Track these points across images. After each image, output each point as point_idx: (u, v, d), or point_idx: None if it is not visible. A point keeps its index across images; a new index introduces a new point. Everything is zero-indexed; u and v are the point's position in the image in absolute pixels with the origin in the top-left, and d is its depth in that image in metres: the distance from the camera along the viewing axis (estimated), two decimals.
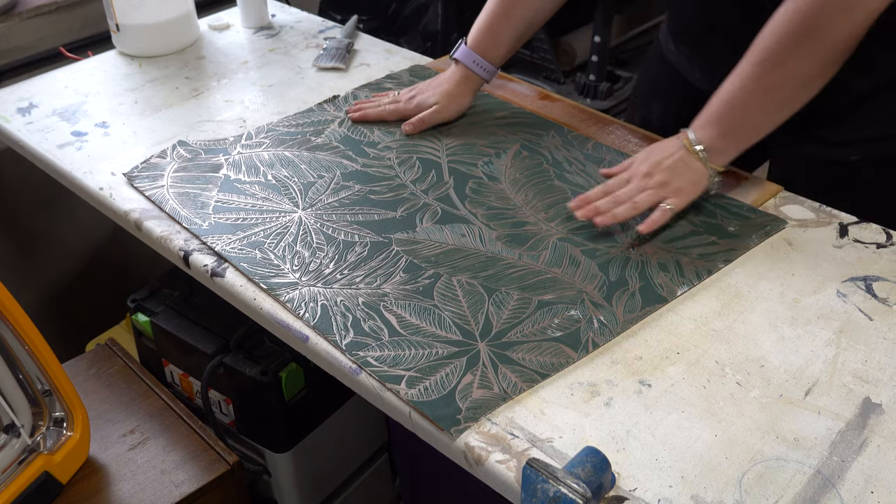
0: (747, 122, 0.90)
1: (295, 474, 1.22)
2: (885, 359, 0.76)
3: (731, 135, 0.90)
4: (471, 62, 1.10)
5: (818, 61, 0.86)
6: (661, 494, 0.64)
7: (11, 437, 0.91)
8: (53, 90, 1.27)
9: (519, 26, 1.10)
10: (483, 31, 1.11)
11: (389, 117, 1.12)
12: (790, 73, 0.86)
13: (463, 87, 1.12)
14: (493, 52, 1.11)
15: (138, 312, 1.25)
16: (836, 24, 0.83)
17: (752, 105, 0.88)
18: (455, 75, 1.12)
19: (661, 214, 0.90)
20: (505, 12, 1.09)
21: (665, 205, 0.90)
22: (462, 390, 0.73)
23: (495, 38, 1.10)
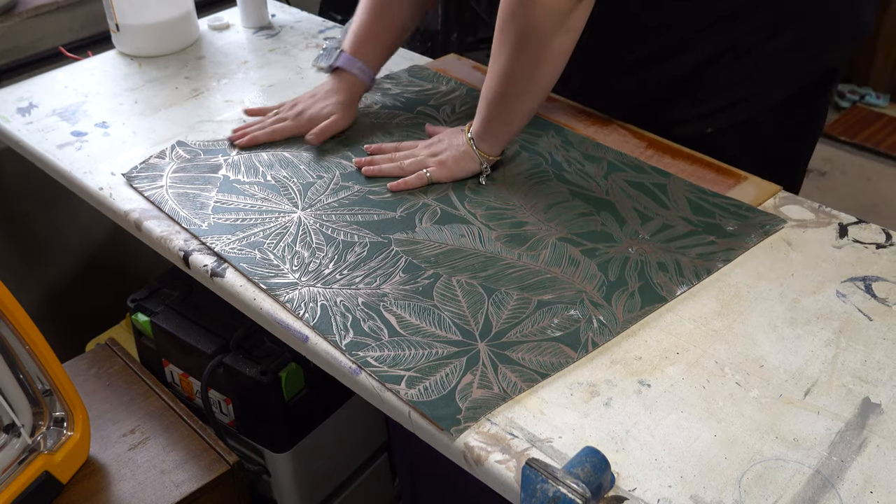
0: (494, 112, 0.97)
1: (295, 474, 1.23)
2: (884, 359, 0.76)
3: (488, 124, 0.98)
4: (356, 69, 1.10)
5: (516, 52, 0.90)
6: (661, 494, 0.65)
7: (12, 437, 0.91)
8: (53, 90, 1.27)
9: (393, 32, 1.12)
10: (361, 38, 1.11)
11: (282, 136, 1.09)
12: (498, 64, 0.93)
13: (352, 94, 1.11)
14: (373, 59, 1.12)
15: (138, 312, 1.25)
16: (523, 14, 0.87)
17: (494, 96, 0.96)
18: (341, 83, 1.11)
19: (415, 179, 1.00)
20: (379, 19, 1.10)
21: (424, 171, 1.00)
22: (462, 390, 0.73)
23: (374, 45, 1.12)
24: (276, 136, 1.09)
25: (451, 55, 1.34)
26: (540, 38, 0.88)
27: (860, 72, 2.78)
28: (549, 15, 0.86)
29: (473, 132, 1.00)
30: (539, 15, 0.86)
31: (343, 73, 1.11)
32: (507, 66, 0.91)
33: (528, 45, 0.89)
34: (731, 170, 1.02)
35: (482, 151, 0.99)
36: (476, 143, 0.99)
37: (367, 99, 1.20)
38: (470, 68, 1.28)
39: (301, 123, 1.09)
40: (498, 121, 0.97)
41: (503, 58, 0.91)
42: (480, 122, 0.98)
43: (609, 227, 0.93)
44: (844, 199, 2.31)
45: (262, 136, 1.08)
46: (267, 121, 1.11)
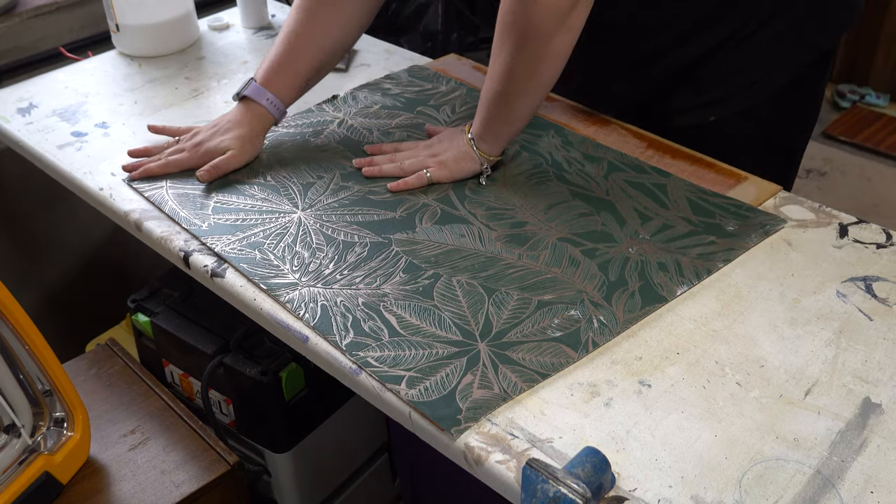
0: (494, 112, 0.97)
1: (295, 474, 1.22)
2: (884, 359, 0.76)
3: (488, 124, 0.98)
4: (264, 100, 1.04)
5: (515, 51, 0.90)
6: (661, 495, 0.65)
7: (12, 438, 0.91)
8: (53, 90, 1.27)
9: (309, 68, 1.06)
10: (274, 70, 1.05)
11: (176, 169, 1.03)
12: (498, 63, 0.92)
13: (257, 126, 1.05)
14: (286, 92, 1.06)
15: (138, 312, 1.25)
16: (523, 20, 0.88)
17: (495, 96, 0.95)
18: (246, 115, 1.04)
19: (415, 179, 0.99)
20: (294, 53, 1.05)
21: (425, 172, 0.99)
22: (462, 390, 0.73)
23: (287, 78, 1.05)
24: (170, 168, 1.02)
25: (451, 55, 1.34)
26: (540, 37, 0.88)
27: (860, 72, 2.78)
28: (549, 13, 0.86)
29: (473, 132, 1.00)
30: (539, 13, 0.86)
31: (251, 103, 1.04)
32: (508, 64, 0.91)
33: (529, 44, 0.89)
34: (731, 170, 1.02)
35: (482, 152, 0.99)
36: (476, 144, 0.99)
37: (367, 99, 1.20)
38: (470, 68, 1.28)
39: (197, 156, 1.02)
40: (498, 120, 0.97)
41: (504, 57, 0.91)
42: (480, 123, 0.98)
43: (609, 227, 0.93)
44: (844, 199, 2.31)
45: (154, 168, 1.02)
46: (165, 151, 1.05)
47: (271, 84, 1.05)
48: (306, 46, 1.05)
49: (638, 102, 1.10)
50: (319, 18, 1.05)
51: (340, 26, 1.06)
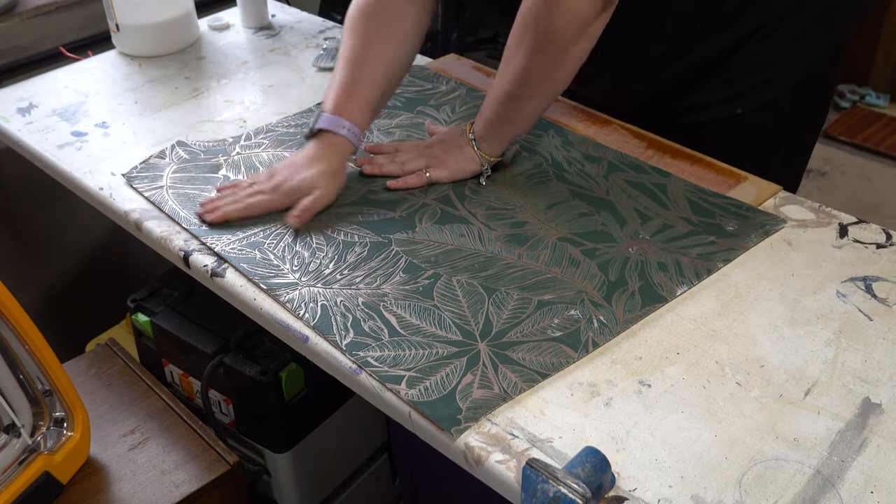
0: (502, 113, 0.96)
1: (295, 474, 1.22)
2: (884, 359, 0.76)
3: (493, 125, 0.98)
4: (342, 129, 0.97)
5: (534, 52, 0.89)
6: (661, 494, 0.65)
7: (12, 437, 0.91)
8: (53, 90, 1.27)
9: (377, 90, 1.01)
10: (344, 96, 0.99)
11: (257, 212, 0.94)
12: (515, 63, 0.92)
13: (337, 159, 0.97)
14: (360, 117, 0.99)
15: (138, 312, 1.25)
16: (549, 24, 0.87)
17: (493, 98, 0.96)
18: (325, 148, 0.97)
19: (415, 178, 0.99)
20: (360, 76, 0.99)
21: (425, 172, 0.99)
22: (462, 390, 0.73)
23: (358, 102, 0.99)
24: (251, 211, 0.94)
25: (451, 55, 1.34)
26: (560, 43, 0.88)
27: (860, 72, 2.78)
28: (572, 21, 0.86)
29: (475, 133, 0.99)
30: (562, 21, 0.86)
31: (327, 135, 0.97)
32: (523, 67, 0.91)
33: (548, 49, 0.88)
34: (731, 170, 1.02)
35: (483, 152, 0.99)
36: (477, 144, 0.99)
37: None
38: (470, 68, 1.28)
39: (279, 197, 0.95)
40: (505, 122, 0.97)
41: (519, 59, 0.90)
42: (484, 123, 0.98)
43: (609, 227, 0.93)
44: (844, 199, 2.31)
45: (234, 211, 0.94)
46: (241, 193, 0.96)
47: (344, 111, 0.98)
48: (370, 68, 1.00)
49: (660, 99, 1.09)
50: (377, 39, 1.01)
51: (399, 43, 1.03)
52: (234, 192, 0.97)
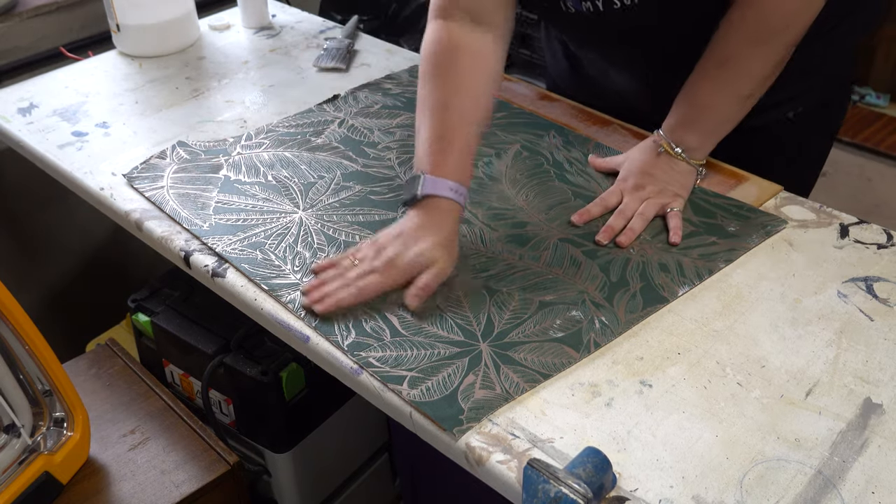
0: (718, 118, 0.94)
1: (295, 474, 1.22)
2: (885, 359, 0.76)
3: (707, 133, 0.95)
4: (447, 191, 0.86)
5: (778, 59, 0.91)
6: (662, 495, 0.65)
7: (12, 438, 0.91)
8: (54, 90, 1.27)
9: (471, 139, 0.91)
10: (440, 153, 0.88)
11: (374, 295, 0.83)
12: (753, 70, 0.91)
13: (450, 224, 0.86)
14: (462, 173, 0.89)
15: (139, 312, 1.25)
16: (797, 23, 0.88)
17: (721, 104, 0.93)
18: (434, 215, 0.86)
19: (678, 220, 0.92)
20: (453, 128, 0.89)
21: (672, 209, 0.93)
22: (464, 391, 0.73)
23: (457, 156, 0.88)
24: (365, 295, 0.82)
25: None
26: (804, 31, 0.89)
27: (860, 72, 2.78)
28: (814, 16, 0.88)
29: (684, 146, 0.94)
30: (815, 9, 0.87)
31: (433, 199, 0.86)
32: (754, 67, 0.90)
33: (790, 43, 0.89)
34: (732, 170, 1.02)
35: (697, 160, 0.96)
36: (690, 155, 0.95)
37: (367, 99, 1.20)
38: None
39: (395, 276, 0.83)
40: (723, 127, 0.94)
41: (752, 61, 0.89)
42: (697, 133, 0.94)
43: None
44: (845, 200, 2.31)
45: (348, 298, 0.81)
46: (349, 275, 0.83)
47: (445, 170, 0.87)
48: (461, 117, 0.90)
49: None
50: (464, 84, 0.91)
51: (486, 82, 0.93)
52: (341, 275, 0.84)
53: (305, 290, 0.83)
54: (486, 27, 0.93)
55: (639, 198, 0.94)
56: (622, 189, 0.96)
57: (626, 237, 0.90)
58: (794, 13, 0.88)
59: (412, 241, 0.85)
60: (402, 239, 0.85)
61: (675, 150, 0.94)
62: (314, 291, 0.83)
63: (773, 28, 0.88)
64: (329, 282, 0.83)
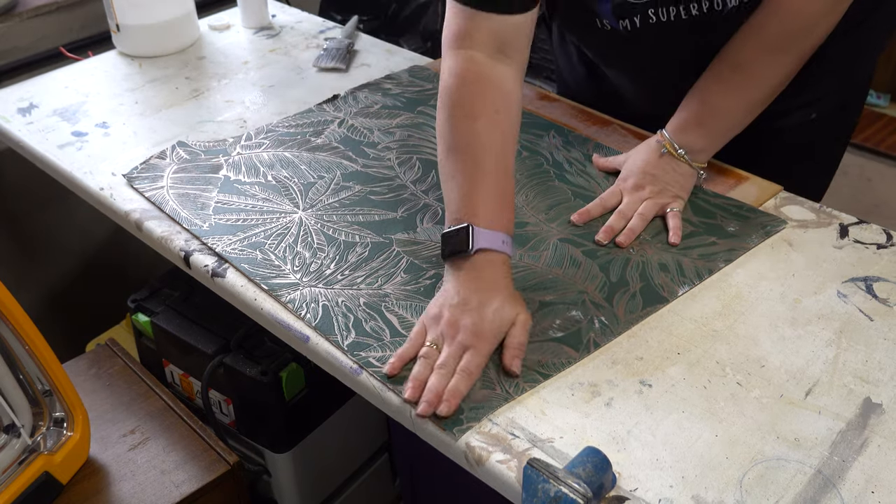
0: (728, 123, 0.94)
1: (295, 474, 1.22)
2: (885, 359, 0.76)
3: (713, 136, 0.95)
4: (500, 244, 0.81)
5: (791, 68, 0.92)
6: (662, 494, 0.65)
7: (12, 438, 0.90)
8: (53, 90, 1.27)
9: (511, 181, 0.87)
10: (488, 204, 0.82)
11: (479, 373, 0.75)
12: (767, 77, 0.91)
13: (509, 280, 0.82)
14: (508, 222, 0.84)
15: (138, 312, 1.25)
16: (816, 32, 0.89)
17: (732, 108, 0.93)
18: (491, 271, 0.80)
19: (677, 220, 0.92)
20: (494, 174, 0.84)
21: (672, 209, 0.93)
22: None
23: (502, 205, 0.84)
24: (475, 377, 0.75)
25: None
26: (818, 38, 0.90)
27: None
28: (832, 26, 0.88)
29: (690, 148, 0.94)
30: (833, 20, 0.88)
31: (487, 254, 0.80)
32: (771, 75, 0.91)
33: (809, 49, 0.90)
34: (731, 170, 1.02)
35: (700, 163, 0.96)
36: (694, 158, 0.95)
37: (367, 99, 1.20)
38: None
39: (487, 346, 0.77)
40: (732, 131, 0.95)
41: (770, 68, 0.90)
42: (704, 136, 0.94)
43: None
44: (845, 200, 2.30)
45: (463, 386, 0.73)
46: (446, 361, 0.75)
47: (494, 222, 0.82)
48: (497, 161, 0.84)
49: None
50: (497, 125, 0.85)
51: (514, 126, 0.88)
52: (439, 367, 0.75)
53: (411, 399, 0.73)
54: (510, 59, 0.87)
55: (639, 198, 0.94)
56: (622, 189, 0.96)
57: (625, 237, 0.90)
58: (814, 23, 0.88)
59: (482, 305, 0.78)
60: (471, 306, 0.78)
61: (678, 152, 0.94)
62: (426, 395, 0.73)
63: (791, 36, 0.89)
64: (434, 377, 0.74)
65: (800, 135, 1.05)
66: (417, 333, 0.78)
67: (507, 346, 0.77)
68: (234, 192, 1.01)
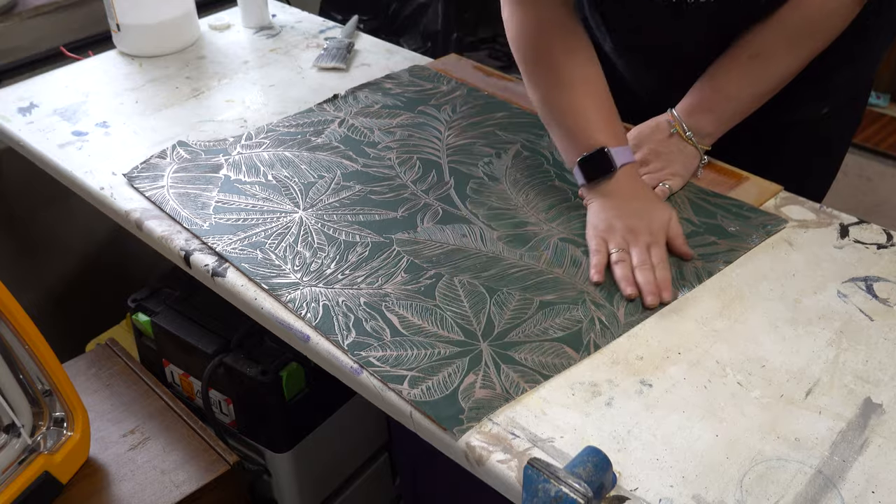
0: (738, 109, 0.96)
1: (295, 474, 1.22)
2: (885, 359, 0.76)
3: (723, 121, 0.96)
4: (632, 156, 0.93)
5: (803, 62, 0.93)
6: (662, 494, 0.65)
7: (12, 437, 0.91)
8: (54, 90, 1.27)
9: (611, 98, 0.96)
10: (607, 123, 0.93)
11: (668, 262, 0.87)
12: (782, 67, 0.92)
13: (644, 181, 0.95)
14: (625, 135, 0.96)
15: (139, 312, 1.25)
16: (837, 24, 0.90)
17: (743, 96, 0.95)
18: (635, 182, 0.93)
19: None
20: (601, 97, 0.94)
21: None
22: (465, 390, 0.73)
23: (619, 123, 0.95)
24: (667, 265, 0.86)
25: (452, 55, 1.34)
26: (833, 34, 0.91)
27: None
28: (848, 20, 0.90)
29: (698, 131, 0.96)
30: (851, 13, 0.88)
31: (626, 168, 0.92)
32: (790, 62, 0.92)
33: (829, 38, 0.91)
34: (731, 170, 1.02)
35: (704, 146, 0.98)
36: (700, 141, 0.97)
37: (367, 98, 1.20)
38: (470, 68, 1.28)
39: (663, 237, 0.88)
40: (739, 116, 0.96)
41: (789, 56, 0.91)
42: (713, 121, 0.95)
43: None
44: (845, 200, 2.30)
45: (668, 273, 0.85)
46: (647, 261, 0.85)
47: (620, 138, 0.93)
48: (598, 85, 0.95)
49: None
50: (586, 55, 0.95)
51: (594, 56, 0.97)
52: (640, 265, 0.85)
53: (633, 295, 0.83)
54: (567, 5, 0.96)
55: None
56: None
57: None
58: (836, 15, 0.89)
59: (645, 210, 0.90)
60: (638, 213, 0.89)
61: (687, 134, 0.96)
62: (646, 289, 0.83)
63: (812, 28, 0.90)
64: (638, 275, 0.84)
65: (814, 131, 1.06)
66: (599, 245, 0.88)
67: (674, 237, 0.88)
68: (235, 192, 1.01)
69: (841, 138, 1.12)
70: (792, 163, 1.05)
